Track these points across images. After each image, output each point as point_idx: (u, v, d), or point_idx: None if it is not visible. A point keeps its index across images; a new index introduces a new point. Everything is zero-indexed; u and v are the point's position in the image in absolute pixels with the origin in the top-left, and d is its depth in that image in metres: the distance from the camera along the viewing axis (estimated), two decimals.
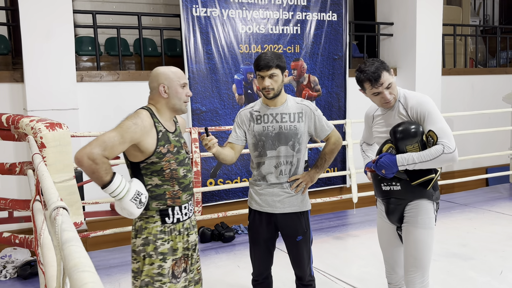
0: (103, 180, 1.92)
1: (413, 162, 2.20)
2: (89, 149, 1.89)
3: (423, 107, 2.24)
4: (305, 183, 2.54)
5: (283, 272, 3.38)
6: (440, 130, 2.20)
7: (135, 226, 2.16)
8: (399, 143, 2.24)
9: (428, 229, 2.29)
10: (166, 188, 2.13)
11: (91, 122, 4.69)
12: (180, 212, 2.18)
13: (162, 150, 2.08)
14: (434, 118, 2.22)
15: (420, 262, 2.29)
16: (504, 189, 6.78)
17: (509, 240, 4.47)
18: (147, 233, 2.11)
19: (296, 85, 5.67)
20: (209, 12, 5.10)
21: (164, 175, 2.11)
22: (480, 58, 8.65)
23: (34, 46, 4.32)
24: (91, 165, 1.88)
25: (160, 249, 2.10)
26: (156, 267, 2.09)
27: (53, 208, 1.06)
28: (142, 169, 2.10)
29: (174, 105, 2.17)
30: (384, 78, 2.24)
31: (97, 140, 1.93)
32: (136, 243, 2.12)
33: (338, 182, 6.05)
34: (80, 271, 0.69)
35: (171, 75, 2.16)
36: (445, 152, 2.16)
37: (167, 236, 2.13)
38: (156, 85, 2.16)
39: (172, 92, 2.15)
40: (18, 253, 4.19)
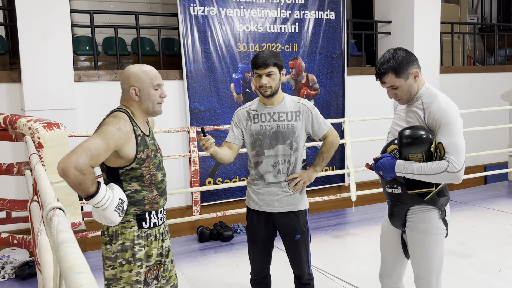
0: (89, 191, 1.80)
1: (411, 172, 2.06)
2: (75, 158, 1.74)
3: (442, 115, 2.03)
4: (303, 182, 2.54)
5: (281, 271, 3.38)
6: (451, 144, 2.01)
7: (107, 232, 2.04)
8: (403, 148, 2.09)
9: (431, 234, 2.15)
10: (145, 193, 2.05)
11: (89, 122, 4.68)
12: (156, 217, 2.10)
13: (142, 156, 1.99)
14: (450, 130, 2.01)
15: (424, 269, 2.18)
16: (503, 186, 6.79)
17: (507, 237, 4.48)
18: (123, 238, 2.01)
19: (294, 83, 5.67)
20: (207, 11, 5.10)
21: (143, 180, 2.03)
22: (478, 56, 8.65)
23: (32, 46, 4.31)
24: (78, 176, 1.74)
25: (138, 255, 2.02)
26: (134, 274, 2.01)
27: (49, 209, 1.06)
28: (121, 175, 2.00)
29: (148, 108, 2.05)
30: (388, 79, 2.10)
31: (81, 148, 1.78)
32: (112, 249, 2.02)
33: (337, 180, 6.05)
34: (76, 272, 0.69)
35: (142, 76, 2.02)
36: (448, 171, 2.00)
37: (144, 241, 2.05)
38: (127, 87, 2.04)
39: (144, 95, 2.02)
40: (17, 253, 4.18)
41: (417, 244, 2.20)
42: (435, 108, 2.06)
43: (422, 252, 2.19)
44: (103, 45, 6.30)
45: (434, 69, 6.47)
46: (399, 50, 2.12)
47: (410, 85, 2.11)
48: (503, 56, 8.63)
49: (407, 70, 2.09)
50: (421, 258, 2.19)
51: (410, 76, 2.09)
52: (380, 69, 2.10)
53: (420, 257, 2.20)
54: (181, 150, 5.09)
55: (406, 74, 2.09)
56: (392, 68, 2.07)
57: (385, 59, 2.10)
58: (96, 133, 1.89)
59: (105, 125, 1.92)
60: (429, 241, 2.17)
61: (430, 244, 2.17)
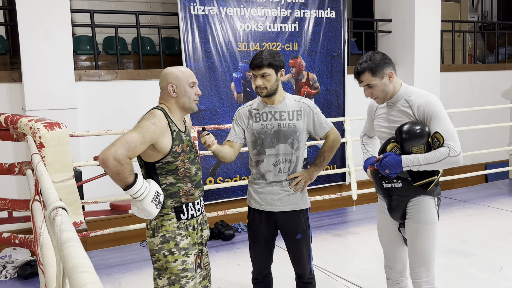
0: (127, 181, 1.94)
1: (418, 163, 2.20)
2: (114, 150, 1.90)
3: (431, 108, 2.22)
4: (304, 181, 2.54)
5: (283, 270, 3.38)
6: (446, 132, 2.19)
7: (150, 225, 2.18)
8: (405, 143, 2.23)
9: (430, 224, 2.30)
10: (180, 186, 2.16)
11: (89, 121, 4.69)
12: (193, 208, 2.22)
13: (177, 150, 2.12)
14: (441, 120, 2.21)
15: (425, 257, 2.31)
16: (504, 185, 6.79)
17: (508, 236, 4.48)
18: (164, 230, 2.13)
19: (295, 82, 5.67)
20: (207, 10, 5.09)
21: (178, 173, 2.15)
22: (478, 54, 8.65)
23: (32, 46, 4.31)
24: (116, 166, 1.89)
25: (181, 244, 2.14)
26: (180, 263, 2.12)
27: (52, 208, 1.06)
28: (158, 168, 2.12)
29: (184, 104, 2.19)
30: (364, 77, 2.28)
31: (120, 141, 1.94)
32: (155, 242, 2.15)
33: (338, 179, 6.05)
34: (80, 271, 0.69)
35: (179, 74, 2.19)
36: (450, 155, 2.16)
37: (184, 231, 2.16)
38: (165, 85, 2.19)
39: (181, 91, 2.18)
40: (18, 253, 4.19)
41: (418, 234, 2.31)
42: (422, 102, 2.24)
43: (422, 241, 2.30)
44: (103, 45, 6.30)
45: (435, 67, 6.46)
46: (376, 53, 2.32)
47: (385, 84, 2.29)
48: (504, 54, 8.63)
49: (383, 70, 2.27)
50: (420, 247, 2.31)
51: (385, 76, 2.28)
52: (358, 68, 2.30)
53: (419, 246, 2.31)
54: None
55: (381, 74, 2.27)
56: (369, 67, 2.26)
57: (363, 60, 2.30)
58: (133, 128, 2.04)
59: (142, 121, 2.07)
60: (429, 230, 2.30)
61: (429, 233, 2.30)
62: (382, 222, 2.53)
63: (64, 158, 2.85)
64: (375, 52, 2.33)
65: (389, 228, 2.48)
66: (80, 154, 4.55)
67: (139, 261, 4.26)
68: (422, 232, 2.29)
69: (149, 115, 2.11)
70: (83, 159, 4.51)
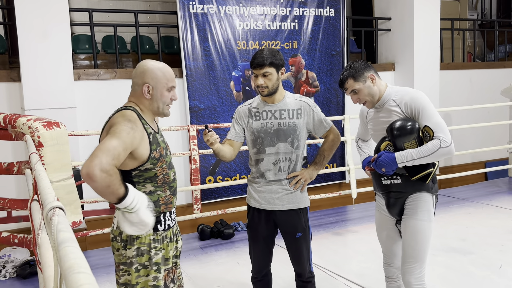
0: (119, 192, 1.70)
1: (411, 158, 2.24)
2: (98, 161, 1.64)
3: (416, 103, 2.28)
4: (304, 180, 2.54)
5: (282, 269, 3.38)
6: (435, 124, 2.25)
7: (121, 237, 1.96)
8: (397, 140, 2.28)
9: (426, 221, 2.33)
10: (159, 194, 1.99)
11: (88, 120, 4.68)
12: (170, 218, 2.05)
13: (155, 155, 1.92)
14: (428, 113, 2.26)
15: (418, 253, 2.34)
16: (503, 183, 6.79)
17: (508, 234, 4.48)
18: (139, 243, 1.94)
19: (294, 81, 5.66)
20: (206, 9, 5.09)
21: (157, 180, 1.97)
22: (478, 52, 8.64)
23: (31, 45, 4.30)
24: (105, 178, 1.64)
25: (154, 259, 1.96)
26: (151, 278, 1.96)
27: (49, 209, 1.06)
28: (134, 177, 1.92)
29: (157, 108, 1.98)
30: (348, 84, 2.38)
31: (101, 150, 1.68)
32: (127, 255, 1.94)
33: (337, 178, 6.05)
34: (76, 272, 0.69)
35: (159, 75, 1.95)
36: (442, 147, 2.21)
37: (160, 244, 1.99)
38: (140, 82, 1.96)
39: (157, 94, 1.95)
40: (17, 252, 4.18)
41: (414, 230, 2.34)
42: (408, 99, 2.31)
43: (417, 238, 2.33)
44: (102, 44, 6.29)
45: (434, 65, 6.46)
46: (356, 62, 2.42)
47: (369, 87, 2.37)
48: (503, 52, 8.62)
49: (364, 74, 2.36)
50: (415, 244, 2.34)
51: (367, 79, 2.36)
52: (341, 77, 2.41)
53: (414, 243, 2.34)
54: (181, 149, 5.09)
55: (363, 78, 2.36)
56: (350, 74, 2.37)
57: (344, 70, 2.41)
58: (109, 135, 1.78)
59: (115, 125, 1.82)
60: (425, 227, 2.34)
61: (425, 230, 2.34)
62: (380, 219, 2.55)
63: (63, 158, 2.84)
64: (355, 61, 2.42)
65: (387, 225, 2.51)
66: (79, 153, 4.55)
67: None
68: (418, 228, 2.33)
69: (122, 118, 1.85)
70: (82, 158, 4.50)
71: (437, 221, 4.99)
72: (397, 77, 6.51)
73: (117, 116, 1.89)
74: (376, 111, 2.44)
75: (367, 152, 2.66)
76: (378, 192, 2.52)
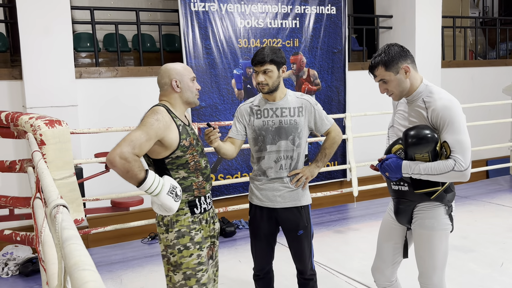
0: (138, 177, 1.95)
1: (418, 172, 2.05)
2: (119, 149, 1.92)
3: (446, 113, 2.01)
4: (305, 178, 2.54)
5: (284, 266, 3.39)
6: (457, 142, 2.00)
7: (163, 221, 2.18)
8: (409, 149, 2.08)
9: (437, 230, 2.15)
10: (192, 179, 2.18)
11: (90, 118, 4.68)
12: (205, 202, 2.24)
13: (185, 144, 2.13)
14: (455, 128, 2.00)
15: (430, 264, 2.19)
16: (505, 181, 6.78)
17: (509, 232, 4.48)
18: (179, 225, 2.15)
19: (296, 79, 5.66)
20: (208, 7, 5.08)
21: (189, 167, 2.16)
22: (479, 50, 8.62)
23: (32, 43, 4.30)
24: (124, 164, 1.91)
25: (195, 239, 2.16)
26: (195, 257, 2.15)
27: (53, 206, 1.06)
28: (168, 164, 2.13)
29: (188, 98, 2.22)
30: (378, 72, 2.13)
31: (124, 141, 1.96)
32: (169, 238, 2.15)
33: (339, 176, 6.05)
34: (81, 269, 0.69)
35: (181, 70, 2.21)
36: (455, 170, 1.98)
37: (198, 225, 2.19)
38: (168, 80, 2.20)
39: (185, 86, 2.20)
40: (20, 250, 4.19)
41: (423, 240, 2.19)
42: (438, 106, 2.04)
43: (428, 248, 2.18)
44: (103, 42, 6.30)
45: (436, 63, 6.45)
46: (393, 46, 2.13)
47: (401, 79, 2.11)
48: (505, 50, 8.60)
49: (397, 64, 2.10)
50: (427, 254, 2.19)
51: (400, 70, 2.10)
52: (372, 62, 2.14)
53: (426, 253, 2.19)
54: None
55: (396, 68, 2.10)
56: (383, 61, 2.10)
57: (378, 53, 2.13)
58: (137, 127, 2.05)
59: (144, 118, 2.07)
60: (436, 237, 2.17)
61: (436, 240, 2.17)
62: (386, 222, 2.42)
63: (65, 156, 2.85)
64: (392, 44, 2.14)
65: (393, 233, 2.35)
66: (81, 151, 4.56)
67: (140, 258, 4.27)
68: (428, 239, 2.16)
69: (151, 112, 2.11)
70: (84, 156, 4.51)
71: None
72: None
73: (147, 112, 2.14)
74: (406, 105, 2.20)
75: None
76: (391, 195, 2.35)
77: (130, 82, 4.93)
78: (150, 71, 5.00)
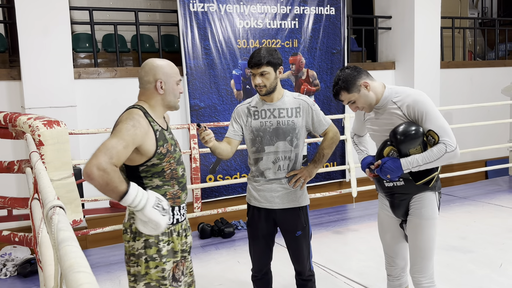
0: (119, 190, 1.75)
1: (417, 164, 2.20)
2: (96, 160, 1.73)
3: (420, 106, 2.21)
4: (303, 178, 2.54)
5: (282, 267, 3.38)
6: (440, 128, 2.19)
7: (130, 229, 2.02)
8: (402, 146, 2.22)
9: (432, 219, 2.32)
10: (166, 188, 2.03)
11: (89, 119, 4.68)
12: (179, 212, 2.09)
13: (162, 151, 1.98)
14: (432, 117, 2.20)
15: (426, 252, 2.32)
16: (504, 181, 6.78)
17: (508, 232, 4.48)
18: (147, 235, 1.97)
19: (295, 79, 5.66)
20: (207, 7, 5.08)
21: (164, 175, 2.02)
22: (478, 50, 8.63)
23: (31, 44, 4.30)
24: (102, 176, 1.72)
25: (163, 251, 2.01)
26: (160, 270, 2.01)
27: (50, 207, 1.06)
28: (142, 172, 1.98)
29: (170, 102, 2.06)
30: (343, 97, 2.30)
31: (99, 151, 1.77)
32: (135, 246, 2.00)
33: (337, 176, 6.05)
34: (76, 271, 0.69)
35: (169, 70, 2.05)
36: (447, 151, 2.17)
37: (168, 237, 2.03)
38: (151, 79, 2.03)
39: (169, 89, 2.04)
40: (18, 251, 4.19)
41: (420, 229, 2.32)
42: (411, 102, 2.23)
43: (423, 237, 2.31)
44: (102, 42, 6.29)
45: (435, 64, 6.45)
46: (345, 69, 2.31)
47: (365, 94, 2.28)
48: (504, 50, 8.60)
49: (355, 83, 2.26)
50: (422, 243, 2.32)
51: (361, 88, 2.27)
52: (334, 91, 2.32)
53: (421, 242, 2.32)
54: (181, 147, 5.08)
55: (356, 87, 2.27)
56: (342, 87, 2.27)
57: (335, 82, 2.30)
58: (112, 134, 1.88)
59: (119, 124, 1.91)
60: (431, 226, 2.32)
61: (431, 228, 2.32)
62: (384, 219, 2.51)
63: (63, 156, 2.85)
64: (342, 69, 2.33)
65: (391, 225, 2.48)
66: (80, 152, 4.55)
67: None
68: (424, 227, 2.31)
69: (127, 116, 1.93)
70: (83, 157, 4.51)
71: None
72: (398, 76, 6.51)
73: (123, 115, 1.97)
74: (376, 113, 2.36)
75: (364, 150, 2.61)
76: (380, 193, 2.49)
77: (129, 82, 4.93)
78: None
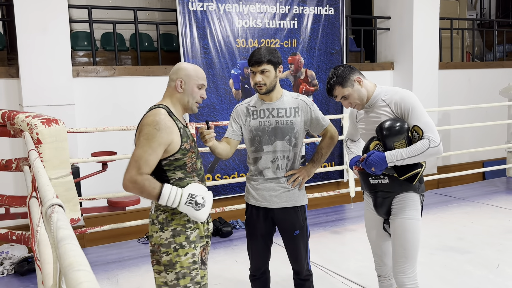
0: (153, 194, 1.99)
1: (401, 158, 2.26)
2: (128, 175, 1.98)
3: (406, 103, 2.30)
4: (302, 178, 2.54)
5: (280, 267, 3.38)
6: (424, 124, 2.27)
7: (157, 220, 2.14)
8: (386, 140, 2.29)
9: (415, 220, 2.36)
10: (188, 180, 2.16)
11: (87, 117, 4.67)
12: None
13: (186, 146, 2.11)
14: (418, 113, 2.29)
15: (409, 252, 2.36)
16: (501, 182, 6.80)
17: (506, 233, 4.49)
18: (175, 224, 2.11)
19: (293, 79, 5.66)
20: (206, 7, 5.08)
21: (186, 168, 2.15)
22: (477, 52, 8.64)
23: (30, 41, 4.29)
24: (135, 187, 1.98)
25: (191, 237, 2.14)
26: (190, 256, 2.13)
27: (49, 206, 1.06)
28: (165, 165, 2.10)
29: (187, 102, 2.17)
30: (337, 92, 2.37)
31: (129, 164, 2.00)
32: (164, 236, 2.12)
33: (336, 176, 6.06)
34: (75, 270, 0.69)
35: (191, 72, 2.17)
36: (431, 146, 2.24)
37: (193, 224, 2.17)
38: (174, 78, 2.17)
39: (188, 89, 2.16)
40: (15, 249, 4.18)
41: (403, 230, 2.36)
42: (398, 99, 2.32)
43: (406, 237, 2.35)
44: (101, 41, 6.28)
45: (433, 65, 6.46)
46: (339, 67, 2.41)
47: (358, 90, 2.37)
48: (502, 52, 8.62)
49: (350, 78, 2.36)
50: (405, 243, 2.35)
51: (354, 83, 2.36)
52: (328, 86, 2.40)
53: (404, 242, 2.35)
54: None
55: (350, 83, 2.36)
56: (337, 82, 2.36)
57: (329, 78, 2.40)
58: (138, 142, 2.04)
59: (144, 129, 2.03)
60: (414, 226, 2.36)
61: (414, 229, 2.36)
62: (369, 218, 2.57)
63: (62, 155, 2.84)
64: (337, 66, 2.42)
65: (377, 224, 2.53)
66: (78, 150, 4.54)
67: (136, 258, 4.26)
68: (407, 227, 2.35)
69: (152, 118, 2.04)
70: (81, 155, 4.50)
71: (434, 220, 5.01)
72: (396, 76, 6.52)
73: (148, 115, 2.07)
74: (366, 111, 2.44)
75: (355, 152, 2.66)
76: (365, 191, 2.54)
77: (127, 81, 4.92)
78: (147, 71, 4.99)
